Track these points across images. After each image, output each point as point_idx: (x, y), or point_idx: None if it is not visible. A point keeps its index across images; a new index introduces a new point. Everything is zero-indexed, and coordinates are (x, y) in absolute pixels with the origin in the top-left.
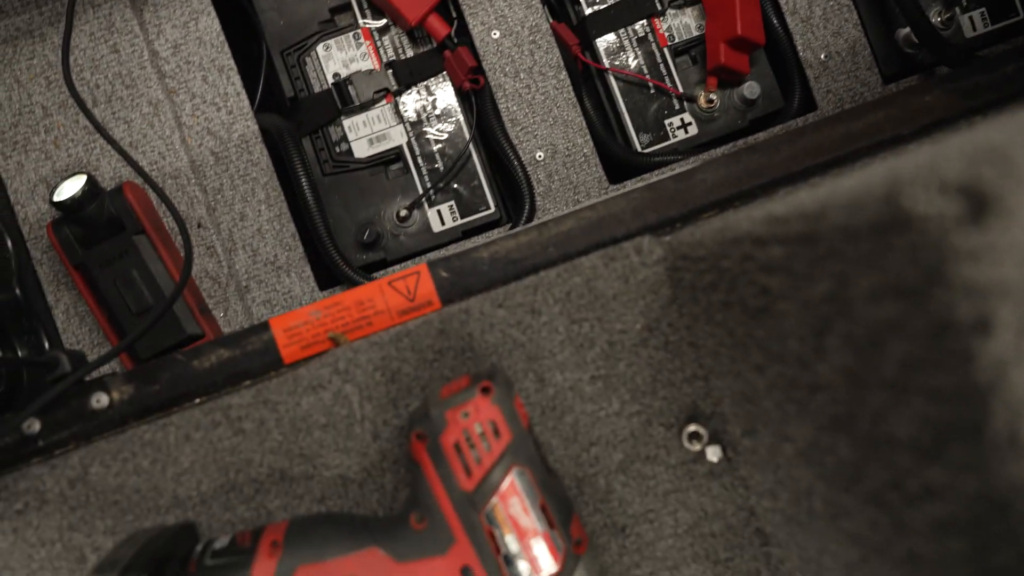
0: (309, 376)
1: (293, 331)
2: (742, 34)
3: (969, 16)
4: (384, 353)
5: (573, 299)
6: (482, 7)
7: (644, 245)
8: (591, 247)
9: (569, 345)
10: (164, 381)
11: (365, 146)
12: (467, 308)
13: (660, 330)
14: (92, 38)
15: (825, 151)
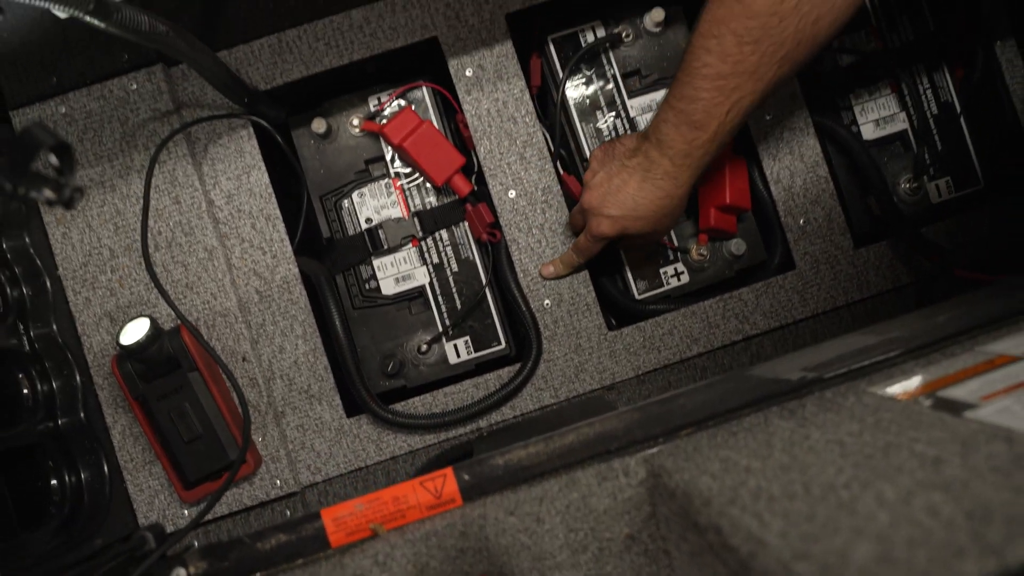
0: (354, 565)
1: (340, 520)
2: (730, 203)
3: (935, 184)
4: (416, 549)
5: (571, 511)
6: (500, 169)
7: (631, 466)
8: (588, 458)
9: (567, 549)
10: (232, 559)
11: (392, 284)
12: (484, 514)
13: (641, 539)
14: (157, 190)
15: (784, 387)
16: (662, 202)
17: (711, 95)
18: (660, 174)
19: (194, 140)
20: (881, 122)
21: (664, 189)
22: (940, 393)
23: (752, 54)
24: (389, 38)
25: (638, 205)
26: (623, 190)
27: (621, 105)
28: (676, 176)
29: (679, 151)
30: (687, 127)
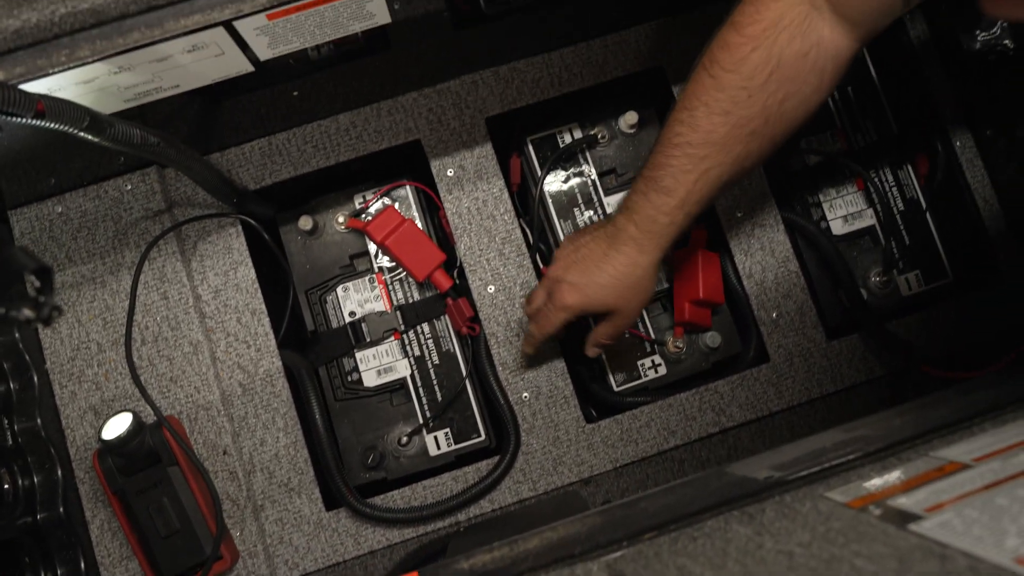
0: None
1: None
2: (704, 297)
3: (905, 277)
4: None
5: None
6: (480, 265)
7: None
8: (552, 563)
9: None
10: None
11: (374, 376)
12: None
13: None
14: (146, 286)
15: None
16: (627, 269)
17: (680, 162)
18: (625, 239)
19: (184, 237)
20: (849, 218)
21: (629, 256)
22: (890, 502)
23: (722, 125)
24: (374, 140)
25: (602, 272)
26: (589, 258)
27: (598, 202)
28: (641, 243)
29: (645, 216)
30: (655, 193)
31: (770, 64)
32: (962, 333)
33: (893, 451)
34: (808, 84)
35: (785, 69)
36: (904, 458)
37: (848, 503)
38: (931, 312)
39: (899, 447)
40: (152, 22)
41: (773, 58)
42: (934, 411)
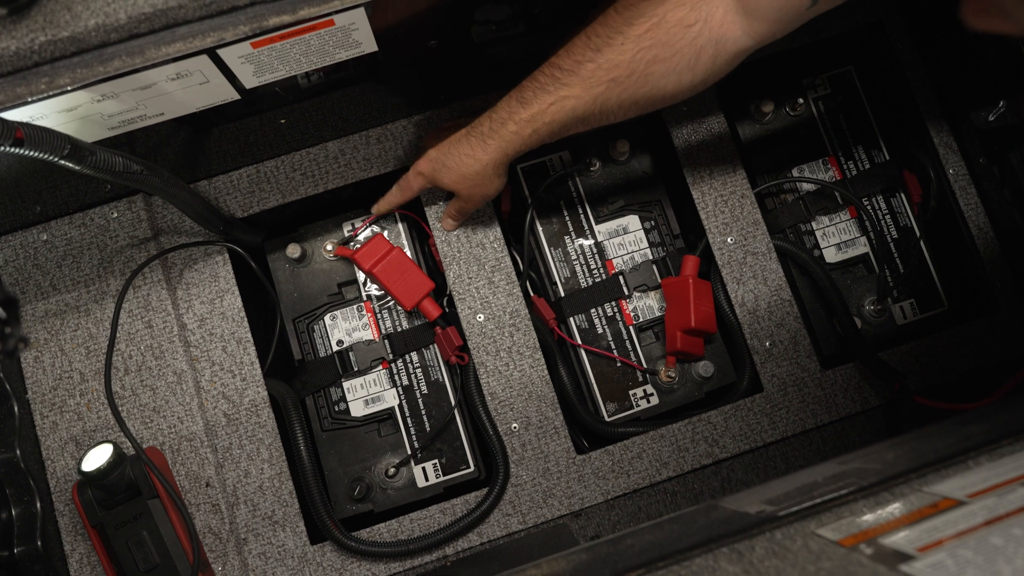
0: None
1: None
2: (696, 326)
3: (900, 306)
4: None
5: None
6: (469, 293)
7: None
8: None
9: None
10: None
11: (361, 406)
12: None
13: None
14: (130, 315)
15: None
16: (468, 160)
17: (544, 80)
18: (477, 133)
19: (170, 265)
20: (843, 246)
21: (473, 149)
22: (882, 540)
23: (589, 61)
24: (363, 168)
25: (451, 155)
26: (450, 140)
27: (589, 230)
28: (486, 141)
29: (498, 117)
30: (516, 100)
31: (652, 19)
32: (958, 363)
33: (886, 486)
34: (682, 57)
35: (663, 31)
36: (898, 493)
37: (840, 541)
38: (927, 341)
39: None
40: (133, 50)
41: (657, 15)
42: (928, 444)
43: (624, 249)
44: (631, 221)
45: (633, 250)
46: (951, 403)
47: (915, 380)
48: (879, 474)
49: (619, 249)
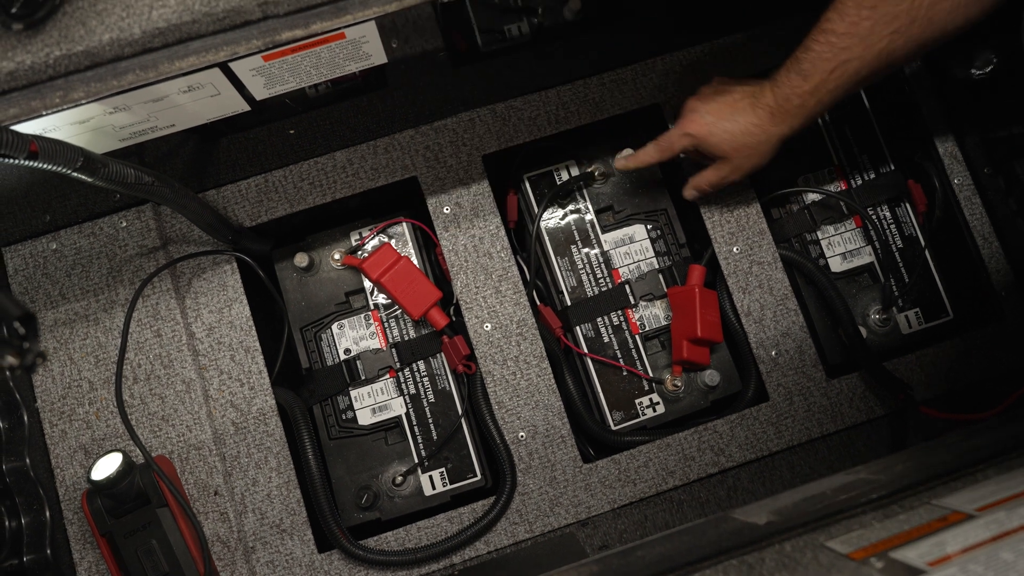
0: None
1: None
2: (702, 336)
3: (905, 315)
4: None
5: None
6: (477, 303)
7: None
8: None
9: None
10: None
11: (368, 415)
12: None
13: None
14: (139, 324)
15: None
16: (755, 130)
17: (821, 48)
18: (764, 104)
19: (179, 275)
20: (848, 255)
21: (762, 119)
22: (892, 554)
23: (867, 19)
24: (371, 178)
25: (734, 121)
26: (728, 103)
27: (595, 239)
28: (775, 114)
29: (783, 93)
30: (795, 73)
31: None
32: (964, 372)
33: (895, 498)
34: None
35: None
36: (907, 506)
37: (850, 554)
38: (932, 351)
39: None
40: (147, 64)
41: None
42: (937, 456)
43: (630, 258)
44: (637, 230)
45: (639, 259)
46: (957, 414)
47: (920, 390)
48: (888, 486)
49: (625, 258)
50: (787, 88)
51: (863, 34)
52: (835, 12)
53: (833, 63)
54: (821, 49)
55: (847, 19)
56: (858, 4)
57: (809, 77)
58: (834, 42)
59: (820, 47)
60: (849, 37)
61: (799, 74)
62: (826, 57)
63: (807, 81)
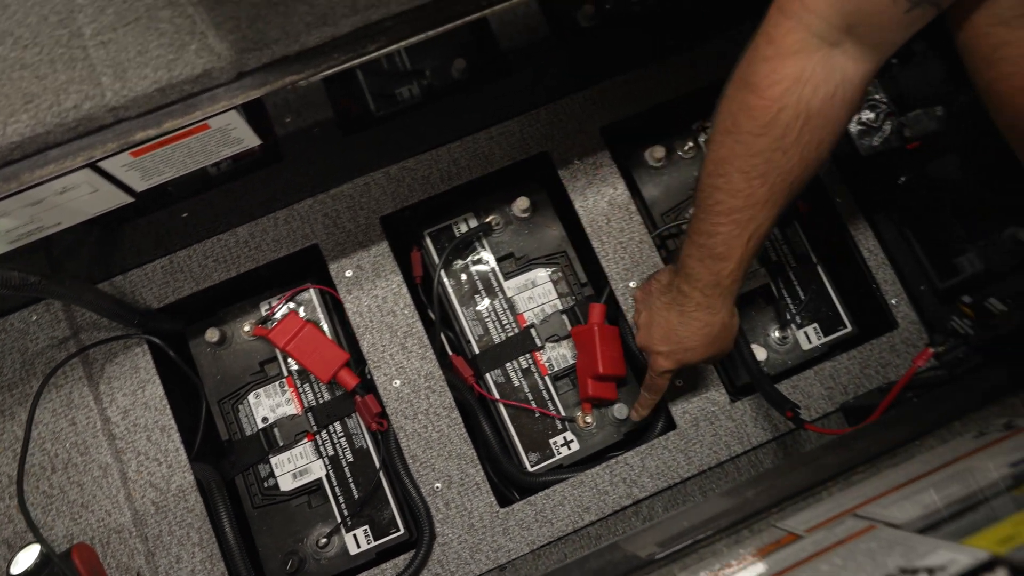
0: None
1: None
2: (604, 372)
3: (804, 331)
4: None
5: None
6: (384, 360)
7: None
8: None
9: None
10: None
11: (290, 480)
12: None
13: None
14: (54, 413)
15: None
16: (704, 330)
17: (728, 228)
18: (693, 307)
19: (91, 361)
20: None
21: (701, 319)
22: None
23: (761, 187)
24: (273, 249)
25: (683, 338)
26: (665, 327)
27: (499, 287)
28: (709, 306)
29: (707, 283)
30: (711, 260)
31: (800, 119)
32: (863, 382)
33: (747, 523)
34: (840, 121)
35: (816, 118)
36: (755, 529)
37: None
38: (831, 364)
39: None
40: (9, 176)
41: (802, 113)
42: (788, 479)
43: (534, 302)
44: (538, 274)
45: (543, 302)
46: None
47: (821, 403)
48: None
49: (529, 302)
50: (709, 276)
51: (763, 200)
52: (722, 192)
53: (745, 235)
54: (728, 230)
55: (741, 194)
56: (746, 177)
57: (729, 257)
58: (738, 218)
59: (727, 228)
60: (751, 208)
61: (717, 259)
62: (736, 234)
63: (729, 261)
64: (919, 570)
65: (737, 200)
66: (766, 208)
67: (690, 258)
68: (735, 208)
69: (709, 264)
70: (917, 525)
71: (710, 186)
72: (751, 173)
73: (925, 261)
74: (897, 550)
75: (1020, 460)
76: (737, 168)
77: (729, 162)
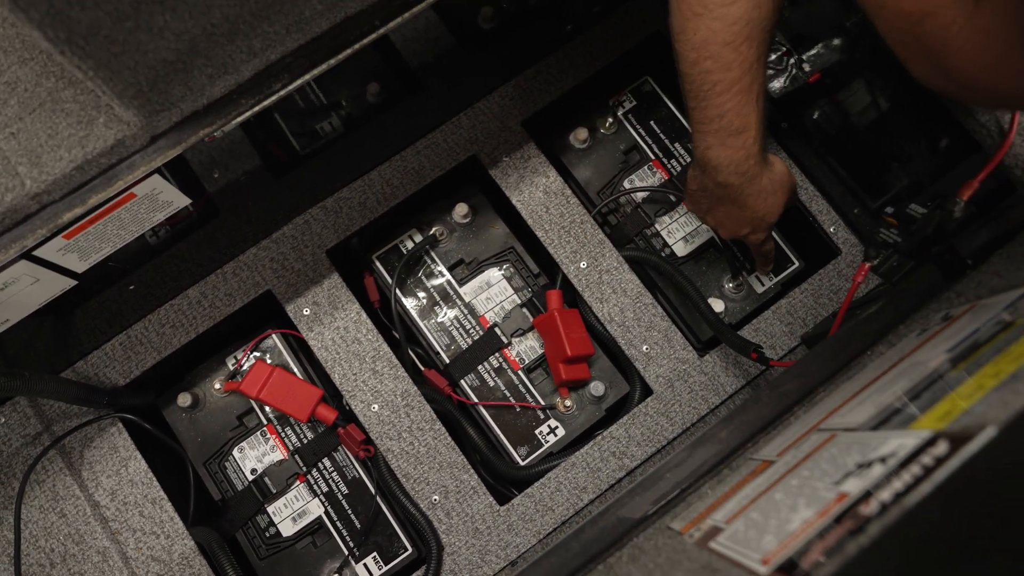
0: None
1: None
2: (572, 354)
3: (756, 275)
4: None
5: None
6: (358, 388)
7: None
8: None
9: None
10: None
11: (290, 525)
12: None
13: None
14: (41, 509)
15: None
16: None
17: (736, 101)
18: (739, 189)
19: (68, 451)
20: (688, 237)
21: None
22: (709, 519)
23: (750, 48)
24: (227, 303)
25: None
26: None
27: (455, 295)
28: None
29: (739, 161)
30: (732, 137)
31: None
32: (819, 312)
33: (727, 462)
34: None
35: None
36: (735, 467)
37: (681, 530)
38: (786, 301)
39: (731, 457)
40: None
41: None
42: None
43: (492, 302)
44: (491, 274)
45: (501, 300)
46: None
47: (785, 340)
48: (719, 454)
49: (488, 303)
50: (737, 154)
51: (756, 59)
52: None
53: (752, 99)
54: (737, 101)
55: (735, 64)
56: (733, 46)
57: (747, 126)
58: (740, 87)
59: (734, 101)
60: (748, 73)
61: (736, 134)
62: (745, 102)
63: (748, 130)
64: (873, 461)
65: (733, 72)
66: (759, 63)
67: (710, 149)
68: (734, 80)
69: (731, 143)
70: (871, 424)
71: (700, 72)
72: (736, 42)
73: (854, 185)
74: (854, 449)
75: (955, 345)
76: (722, 43)
77: (711, 41)
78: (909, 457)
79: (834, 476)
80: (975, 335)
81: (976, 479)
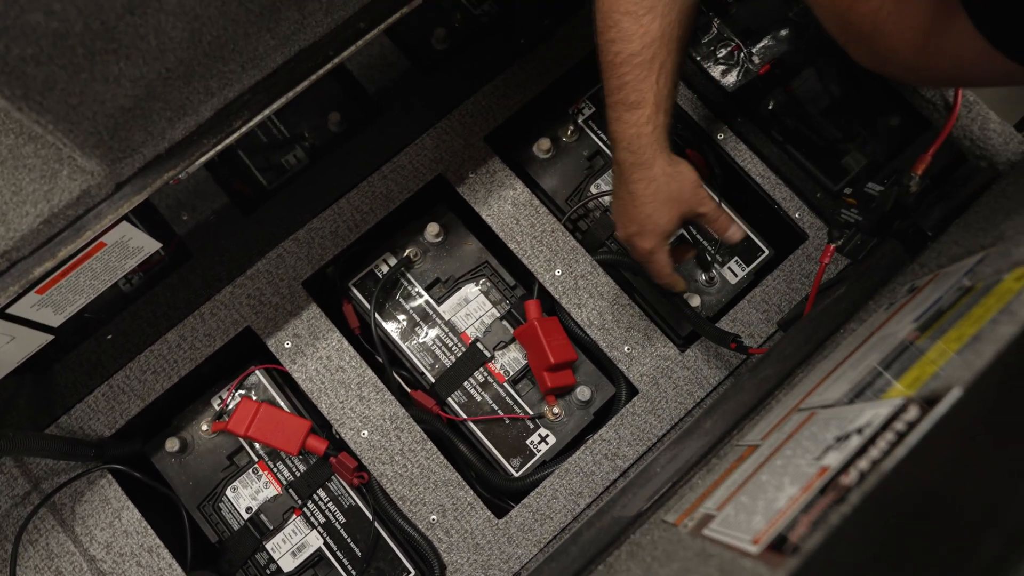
0: None
1: None
2: (555, 361)
3: (728, 267)
4: None
5: None
6: (346, 415)
7: None
8: None
9: None
10: None
11: (290, 560)
12: None
13: None
14: (37, 570)
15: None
16: (651, 188)
17: (635, 74)
18: (629, 171)
19: (59, 507)
20: None
21: (641, 179)
22: (701, 508)
23: (652, 22)
24: (207, 344)
25: (639, 208)
26: (621, 207)
27: (435, 314)
28: (641, 162)
29: (630, 138)
30: (627, 112)
31: None
32: (792, 297)
33: (715, 451)
34: None
35: None
36: (722, 455)
37: (675, 522)
38: (760, 290)
39: (719, 446)
40: None
41: None
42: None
43: (472, 317)
44: (469, 290)
45: (480, 315)
46: None
47: (762, 328)
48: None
49: (468, 319)
50: (631, 129)
51: (658, 35)
52: (618, 44)
53: (652, 76)
54: (635, 75)
55: (635, 36)
56: (635, 18)
57: (643, 103)
58: (639, 61)
59: (632, 74)
60: (649, 47)
61: (632, 108)
62: (643, 77)
63: (644, 107)
64: (850, 433)
65: (633, 44)
66: (664, 43)
67: (611, 123)
68: (634, 53)
69: (627, 117)
70: (847, 399)
71: (606, 43)
72: (638, 12)
73: (813, 170)
74: (833, 424)
75: (921, 314)
76: (623, 12)
77: (614, 9)
78: (883, 425)
79: (815, 452)
80: (939, 303)
81: (947, 438)
